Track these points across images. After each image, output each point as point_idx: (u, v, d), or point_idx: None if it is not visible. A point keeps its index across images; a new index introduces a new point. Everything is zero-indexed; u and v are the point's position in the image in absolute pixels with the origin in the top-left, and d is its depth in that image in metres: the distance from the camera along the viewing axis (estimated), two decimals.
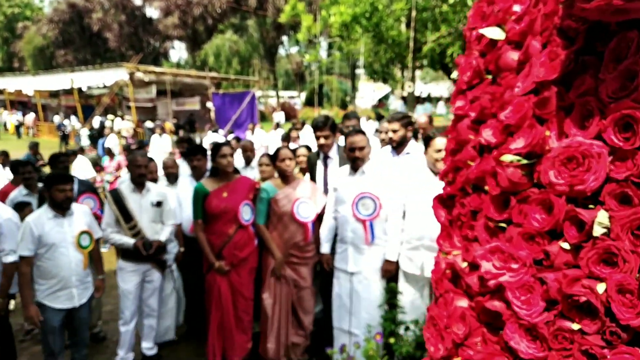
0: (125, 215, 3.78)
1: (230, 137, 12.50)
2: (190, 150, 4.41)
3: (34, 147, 9.85)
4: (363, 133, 3.49)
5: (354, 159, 3.44)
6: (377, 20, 12.25)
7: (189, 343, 4.40)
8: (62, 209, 3.43)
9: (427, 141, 3.37)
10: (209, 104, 21.94)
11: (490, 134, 0.92)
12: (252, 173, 4.73)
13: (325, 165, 4.00)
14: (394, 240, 3.37)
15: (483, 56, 1.02)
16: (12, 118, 25.62)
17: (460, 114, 1.06)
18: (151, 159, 4.40)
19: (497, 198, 0.89)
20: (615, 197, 0.81)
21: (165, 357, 4.18)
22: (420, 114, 4.66)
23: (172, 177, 4.55)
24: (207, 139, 12.69)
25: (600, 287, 0.78)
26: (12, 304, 5.35)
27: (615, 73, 0.78)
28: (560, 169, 0.84)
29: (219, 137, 13.22)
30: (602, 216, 0.79)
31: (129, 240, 3.76)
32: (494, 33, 0.97)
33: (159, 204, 3.91)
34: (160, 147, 11.09)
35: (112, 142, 12.05)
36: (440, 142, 3.26)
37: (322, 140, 3.88)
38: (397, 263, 3.41)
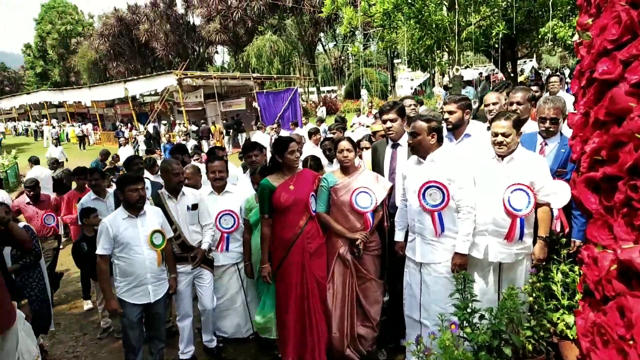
0: (167, 219, 3.87)
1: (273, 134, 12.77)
2: (248, 147, 4.40)
3: (105, 154, 10.35)
4: (426, 121, 3.32)
5: (410, 146, 3.36)
6: (419, 7, 11.96)
7: (254, 340, 4.37)
8: (135, 208, 3.56)
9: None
10: (255, 104, 22.34)
11: None
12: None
13: (394, 153, 3.88)
14: (465, 232, 3.21)
15: (635, 7, 0.84)
16: (75, 130, 26.90)
17: (608, 78, 0.88)
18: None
19: None
20: None
21: (228, 354, 4.22)
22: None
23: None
24: (255, 136, 12.99)
25: None
26: (88, 303, 5.64)
27: None
28: None
29: (264, 135, 13.47)
30: None
31: None
32: None
33: (194, 207, 4.01)
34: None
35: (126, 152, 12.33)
36: (500, 124, 3.10)
37: (388, 124, 3.76)
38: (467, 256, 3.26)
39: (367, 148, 4.71)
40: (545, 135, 3.57)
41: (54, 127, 29.78)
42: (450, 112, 3.77)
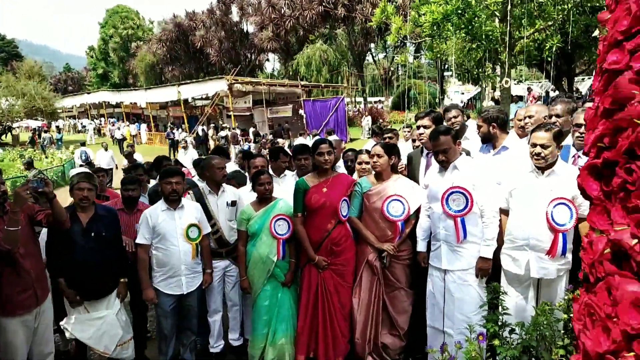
0: (206, 214, 3.96)
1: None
2: (299, 150, 4.41)
3: (129, 155, 10.85)
4: (447, 133, 3.32)
5: (440, 162, 3.36)
6: (470, 17, 11.76)
7: None
8: (169, 200, 3.68)
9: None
10: (301, 111, 22.72)
11: None
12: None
13: (429, 161, 3.87)
14: (489, 236, 3.22)
15: None
16: (117, 133, 26.93)
17: (616, 68, 0.89)
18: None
19: None
20: None
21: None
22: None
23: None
24: (296, 142, 13.20)
25: None
26: None
27: None
28: None
29: (306, 140, 13.65)
30: None
31: None
32: None
33: (233, 204, 4.08)
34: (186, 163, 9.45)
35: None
36: (539, 135, 3.02)
37: (421, 130, 3.76)
38: (492, 261, 3.25)
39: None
40: (579, 146, 3.46)
41: (113, 125, 31.26)
42: (479, 126, 3.86)
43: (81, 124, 39.69)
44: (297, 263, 3.83)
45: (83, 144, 14.91)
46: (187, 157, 11.61)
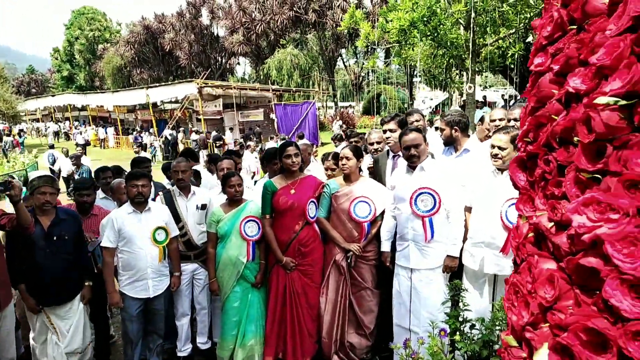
0: (175, 217, 3.93)
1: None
2: (272, 155, 4.41)
3: (76, 158, 10.59)
4: (419, 131, 3.43)
5: (410, 157, 3.41)
6: (435, 24, 12.06)
7: None
8: (134, 203, 3.64)
9: None
10: (273, 115, 22.71)
11: (579, 82, 0.84)
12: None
13: (395, 164, 3.95)
14: (456, 236, 3.30)
15: (565, 7, 0.95)
16: (79, 137, 25.53)
17: (540, 70, 0.98)
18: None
19: (589, 147, 0.80)
20: None
21: None
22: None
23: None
24: (267, 145, 13.28)
25: None
26: None
27: None
28: None
29: (275, 145, 13.73)
30: None
31: None
32: None
33: (203, 207, 4.07)
34: None
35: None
36: (497, 137, 3.16)
37: (387, 134, 3.85)
38: (459, 260, 3.33)
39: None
40: None
41: (76, 128, 30.40)
42: (441, 129, 3.96)
43: (45, 127, 38.49)
44: (267, 264, 3.86)
45: (52, 146, 14.43)
46: None
